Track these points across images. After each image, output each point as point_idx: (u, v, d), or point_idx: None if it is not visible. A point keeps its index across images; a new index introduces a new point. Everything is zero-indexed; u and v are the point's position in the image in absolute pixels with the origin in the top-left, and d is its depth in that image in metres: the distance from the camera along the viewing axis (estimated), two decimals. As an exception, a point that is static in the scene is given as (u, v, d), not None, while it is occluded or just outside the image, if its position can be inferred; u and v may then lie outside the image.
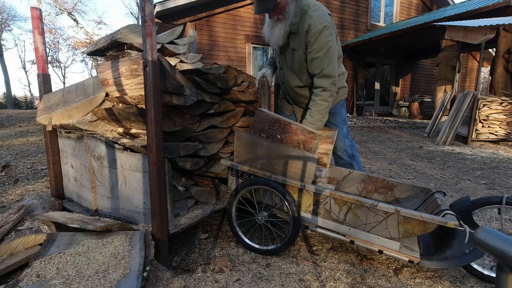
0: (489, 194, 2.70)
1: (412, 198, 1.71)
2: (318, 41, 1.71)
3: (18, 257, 1.28)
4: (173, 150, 1.50)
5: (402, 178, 3.19)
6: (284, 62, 1.97)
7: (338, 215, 1.45)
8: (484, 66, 13.35)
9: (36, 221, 1.55)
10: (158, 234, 1.33)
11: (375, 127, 7.53)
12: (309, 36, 1.71)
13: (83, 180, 1.78)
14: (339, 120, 2.04)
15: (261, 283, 1.37)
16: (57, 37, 23.58)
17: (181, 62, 2.17)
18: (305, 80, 1.92)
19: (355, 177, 1.91)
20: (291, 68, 1.93)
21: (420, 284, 1.39)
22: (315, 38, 1.70)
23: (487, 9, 6.71)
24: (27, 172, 3.01)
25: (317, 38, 1.70)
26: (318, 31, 1.69)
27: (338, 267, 1.51)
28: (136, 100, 1.49)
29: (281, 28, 1.79)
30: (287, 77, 2.00)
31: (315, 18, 1.70)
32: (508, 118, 5.31)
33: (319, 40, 1.71)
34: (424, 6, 11.72)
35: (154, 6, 6.96)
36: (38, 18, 1.69)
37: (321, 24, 1.68)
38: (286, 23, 1.76)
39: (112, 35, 1.84)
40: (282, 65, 1.99)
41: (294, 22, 1.75)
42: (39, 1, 19.57)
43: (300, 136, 1.57)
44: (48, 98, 1.80)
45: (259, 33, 8.61)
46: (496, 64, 6.07)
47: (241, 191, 1.60)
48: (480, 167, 3.67)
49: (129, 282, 1.07)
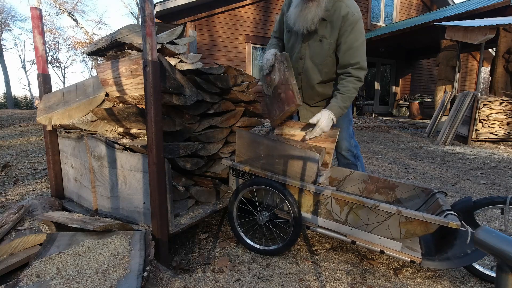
0: (489, 194, 2.69)
1: (414, 199, 1.71)
2: (355, 31, 1.66)
3: (18, 257, 1.27)
4: (173, 150, 1.50)
5: (402, 178, 3.19)
6: (306, 51, 1.81)
7: (339, 215, 1.45)
8: (484, 66, 13.35)
9: (36, 221, 1.55)
10: (158, 234, 1.33)
11: (375, 127, 7.53)
12: (346, 25, 1.65)
13: (83, 180, 1.77)
14: (346, 120, 1.99)
15: (261, 283, 1.37)
16: (57, 37, 23.60)
17: (181, 62, 2.16)
18: (326, 74, 1.82)
19: (356, 177, 1.91)
20: (314, 59, 1.80)
21: (420, 284, 1.39)
22: (353, 27, 1.65)
23: (487, 9, 6.71)
24: (27, 172, 3.01)
25: (354, 27, 1.65)
26: (356, 20, 1.65)
27: (338, 267, 1.51)
28: (136, 100, 1.48)
29: (316, 12, 1.65)
30: (307, 69, 1.84)
31: (353, 8, 1.66)
32: (508, 118, 5.31)
33: (357, 30, 1.66)
34: (424, 6, 11.72)
35: (154, 6, 6.96)
36: (38, 18, 1.69)
37: (358, 14, 1.66)
38: (321, 6, 1.64)
39: (112, 35, 1.84)
40: (303, 55, 1.83)
41: (327, 7, 1.66)
42: (39, 1, 19.57)
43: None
44: (48, 98, 1.80)
45: (259, 33, 8.61)
46: (496, 64, 6.07)
47: (242, 191, 1.60)
48: (480, 167, 3.66)
49: (129, 282, 1.06)
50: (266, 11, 8.65)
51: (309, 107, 2.00)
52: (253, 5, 8.41)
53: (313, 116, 1.99)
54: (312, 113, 1.99)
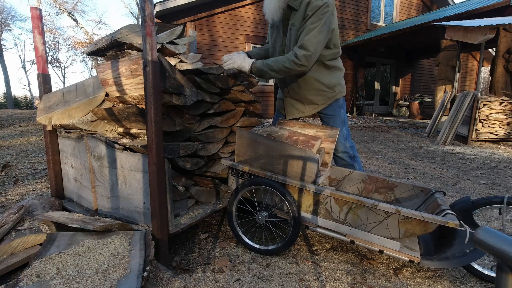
0: (489, 194, 2.70)
1: (413, 198, 1.71)
2: (314, 15, 1.67)
3: (18, 257, 1.28)
4: (173, 150, 1.50)
5: (402, 178, 3.19)
6: (286, 43, 1.86)
7: (338, 215, 1.45)
8: (484, 66, 13.36)
9: (36, 221, 1.55)
10: (158, 234, 1.33)
11: (375, 127, 7.53)
12: (308, 10, 1.68)
13: (83, 180, 1.77)
14: (338, 122, 1.97)
15: (261, 283, 1.37)
16: (57, 37, 23.59)
17: (181, 62, 2.16)
18: None
19: (355, 177, 1.91)
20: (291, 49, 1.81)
21: (420, 284, 1.39)
22: (313, 12, 1.67)
23: (487, 9, 6.71)
24: (27, 172, 3.01)
25: (315, 12, 1.67)
26: (317, 6, 1.66)
27: (338, 267, 1.51)
28: (136, 100, 1.49)
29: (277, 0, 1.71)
30: None
31: None
32: (508, 118, 5.31)
33: (316, 15, 1.67)
34: (424, 6, 11.72)
35: (154, 6, 6.96)
36: (38, 18, 1.69)
37: (321, 0, 1.66)
38: None
39: (112, 35, 1.84)
40: (285, 48, 1.87)
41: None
42: (39, 1, 19.57)
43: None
44: (48, 98, 1.80)
45: (259, 33, 8.61)
46: (496, 64, 6.07)
47: (242, 191, 1.60)
48: (480, 167, 3.67)
49: (129, 282, 1.06)
50: (266, 11, 8.64)
51: (294, 103, 2.00)
52: (253, 5, 8.41)
53: (299, 112, 2.00)
54: (298, 110, 2.00)
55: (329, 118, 1.97)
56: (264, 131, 1.75)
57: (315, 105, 1.95)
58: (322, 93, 1.91)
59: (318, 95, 1.91)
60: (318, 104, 1.94)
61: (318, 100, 1.93)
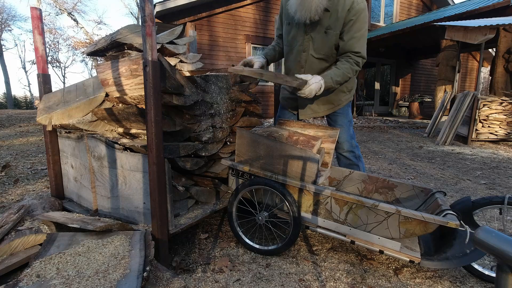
0: (489, 194, 2.70)
1: (413, 198, 1.71)
2: (359, 20, 1.64)
3: (18, 257, 1.27)
4: (173, 150, 1.50)
5: (402, 178, 3.19)
6: (309, 43, 1.77)
7: (339, 215, 1.45)
8: (484, 66, 13.35)
9: (36, 221, 1.55)
10: (158, 234, 1.33)
11: (375, 127, 7.53)
12: (351, 14, 1.63)
13: (83, 180, 1.77)
14: (345, 121, 1.97)
15: (261, 283, 1.37)
16: (57, 37, 23.61)
17: (181, 62, 2.16)
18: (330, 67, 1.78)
19: (355, 177, 1.91)
20: (319, 51, 1.76)
21: (420, 284, 1.39)
22: (357, 17, 1.63)
23: (487, 9, 6.71)
24: (27, 172, 3.01)
25: (359, 16, 1.64)
26: (361, 9, 1.63)
27: (338, 267, 1.51)
28: (136, 100, 1.49)
29: (320, 1, 1.60)
30: (311, 62, 1.81)
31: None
32: (508, 118, 5.31)
33: (361, 19, 1.64)
34: (424, 6, 11.72)
35: (154, 6, 6.96)
36: (38, 18, 1.69)
37: (363, 3, 1.64)
38: None
39: (112, 35, 1.84)
40: (306, 48, 1.79)
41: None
42: (39, 1, 19.58)
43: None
44: (48, 98, 1.80)
45: (259, 33, 8.61)
46: (496, 64, 6.07)
47: (242, 191, 1.60)
48: (480, 167, 3.66)
49: (129, 282, 1.06)
50: (266, 11, 8.65)
51: (310, 103, 1.96)
52: (253, 5, 8.41)
53: (313, 113, 1.99)
54: (312, 110, 1.98)
55: (337, 117, 1.98)
56: (264, 131, 1.75)
57: (330, 105, 1.95)
58: (342, 94, 1.93)
59: (337, 96, 1.93)
60: (334, 105, 1.95)
61: (335, 100, 1.94)
